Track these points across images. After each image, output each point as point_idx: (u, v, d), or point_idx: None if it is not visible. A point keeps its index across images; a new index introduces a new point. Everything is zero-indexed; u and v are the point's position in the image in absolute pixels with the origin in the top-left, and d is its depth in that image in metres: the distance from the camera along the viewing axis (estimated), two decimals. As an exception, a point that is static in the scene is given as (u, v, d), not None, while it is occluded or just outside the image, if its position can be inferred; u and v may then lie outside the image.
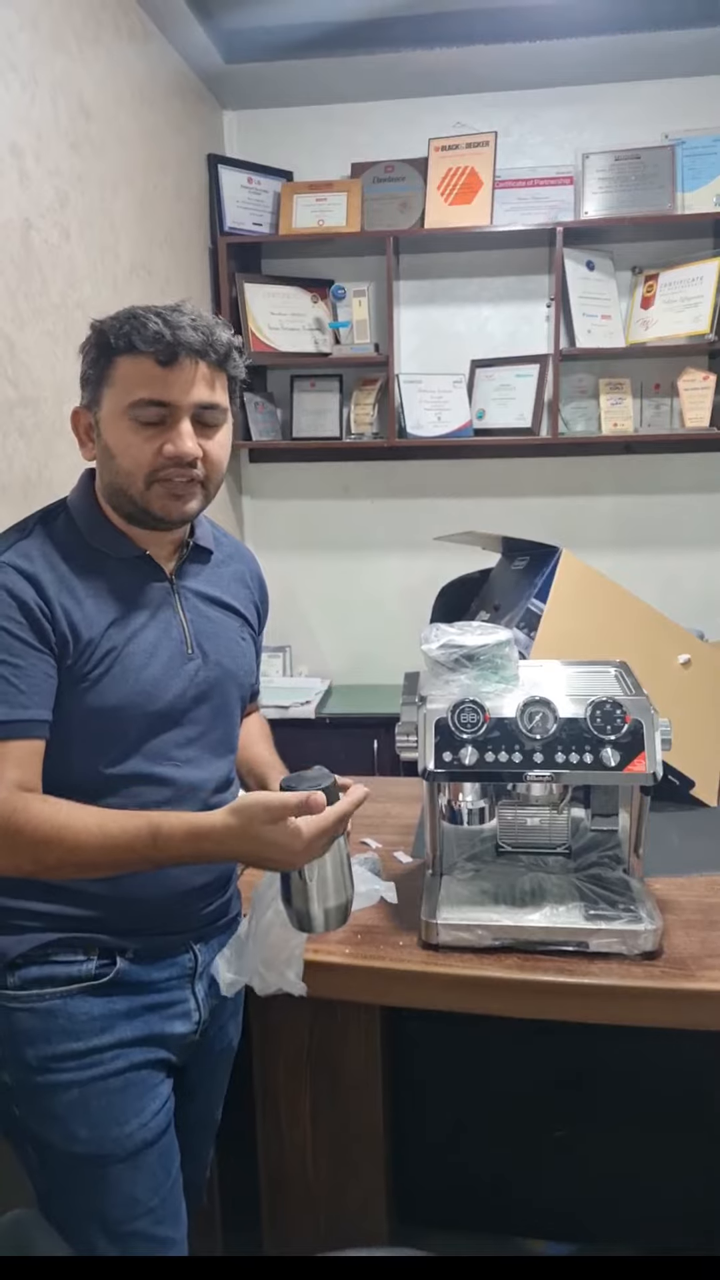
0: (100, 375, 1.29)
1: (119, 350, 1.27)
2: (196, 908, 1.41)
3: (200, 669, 1.38)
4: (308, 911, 1.31)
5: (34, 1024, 1.30)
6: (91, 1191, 1.32)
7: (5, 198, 1.98)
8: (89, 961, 1.32)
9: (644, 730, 1.46)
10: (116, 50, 2.53)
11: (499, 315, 3.53)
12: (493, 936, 1.53)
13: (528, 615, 2.01)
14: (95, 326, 1.30)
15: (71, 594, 1.28)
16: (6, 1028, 1.31)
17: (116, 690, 1.29)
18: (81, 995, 1.31)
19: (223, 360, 1.31)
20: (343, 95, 3.38)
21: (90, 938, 1.32)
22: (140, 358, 1.25)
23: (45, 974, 1.30)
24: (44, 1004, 1.30)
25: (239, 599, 1.50)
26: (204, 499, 1.35)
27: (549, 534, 2.21)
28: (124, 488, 1.30)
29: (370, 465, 3.66)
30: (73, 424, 1.36)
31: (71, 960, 1.31)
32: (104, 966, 1.32)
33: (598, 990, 1.46)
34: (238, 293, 3.35)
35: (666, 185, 3.22)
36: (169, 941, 1.38)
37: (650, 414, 3.42)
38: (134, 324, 1.25)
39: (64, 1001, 1.30)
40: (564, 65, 3.17)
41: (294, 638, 3.81)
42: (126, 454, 1.28)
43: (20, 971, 1.30)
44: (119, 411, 1.28)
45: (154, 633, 1.34)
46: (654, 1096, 1.78)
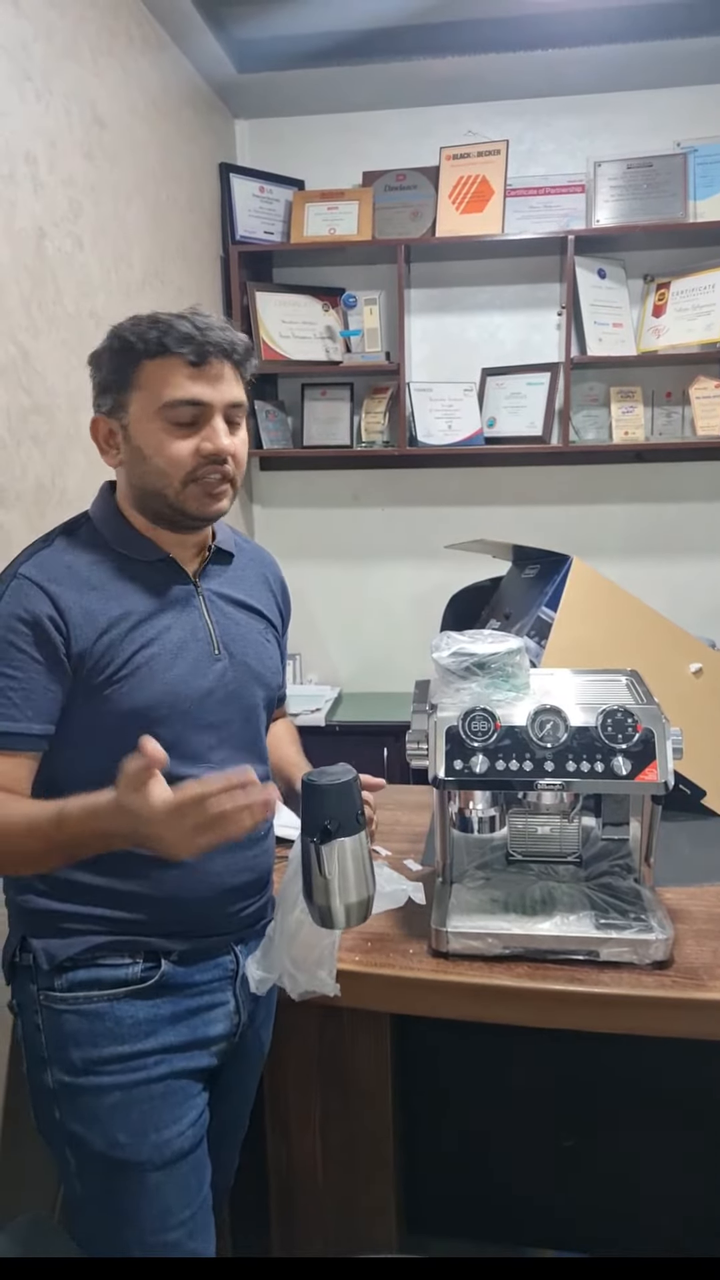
0: (125, 380, 1.31)
1: (146, 353, 1.29)
2: (237, 908, 1.43)
3: (228, 669, 1.40)
4: (328, 907, 1.30)
5: (81, 1026, 1.32)
6: (127, 1199, 1.33)
7: (19, 207, 1.99)
8: (135, 965, 1.34)
9: (655, 739, 1.46)
10: (130, 60, 2.54)
11: (510, 323, 3.53)
12: (503, 945, 1.53)
13: (538, 623, 2.01)
14: (115, 332, 1.32)
15: (95, 598, 1.30)
16: (54, 1029, 1.33)
17: (145, 691, 1.30)
18: (128, 999, 1.33)
19: (244, 360, 1.35)
20: (354, 104, 3.39)
21: (137, 940, 1.34)
22: (170, 359, 1.28)
23: (93, 977, 1.33)
24: (91, 1006, 1.32)
25: (262, 601, 1.52)
26: (233, 496, 1.38)
27: (560, 542, 2.21)
28: (159, 489, 1.32)
29: (381, 473, 3.66)
30: (92, 432, 1.37)
31: (119, 963, 1.33)
32: (149, 970, 1.34)
33: (608, 999, 1.46)
34: (249, 301, 3.36)
35: (678, 193, 3.22)
36: (211, 943, 1.40)
37: (661, 422, 3.42)
38: (161, 327, 1.28)
39: (110, 1005, 1.32)
40: (576, 74, 3.17)
41: (304, 645, 3.81)
42: (161, 454, 1.30)
43: (69, 974, 1.33)
44: (151, 414, 1.30)
45: (180, 633, 1.36)
46: (665, 1106, 1.78)
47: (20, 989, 1.37)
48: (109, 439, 1.35)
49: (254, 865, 1.44)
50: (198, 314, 1.31)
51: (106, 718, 1.29)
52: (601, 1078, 1.79)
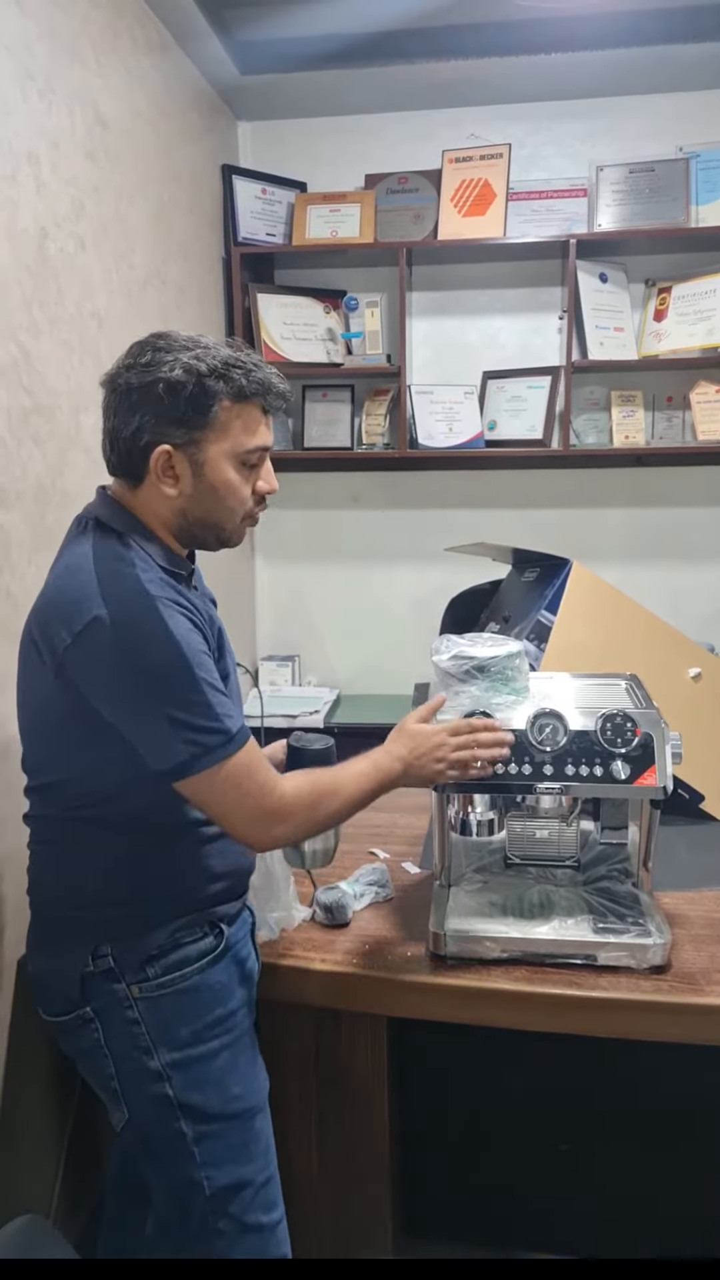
0: (205, 419, 1.35)
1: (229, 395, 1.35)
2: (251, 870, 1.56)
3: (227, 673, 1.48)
4: (299, 848, 1.55)
5: (182, 1003, 1.41)
6: (249, 1144, 1.45)
7: (22, 207, 1.99)
8: (208, 936, 1.44)
9: (654, 743, 1.46)
10: (133, 61, 2.54)
11: (511, 327, 3.53)
12: (501, 948, 1.53)
13: (538, 627, 2.01)
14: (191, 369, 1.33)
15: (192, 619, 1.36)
16: (155, 1014, 1.40)
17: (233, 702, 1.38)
18: (211, 967, 1.44)
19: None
20: (357, 107, 3.39)
21: (206, 914, 1.44)
22: (249, 405, 1.37)
23: (181, 956, 1.41)
24: (187, 983, 1.41)
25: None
26: None
27: (559, 546, 2.21)
28: (222, 523, 1.41)
29: (381, 476, 3.66)
30: (153, 461, 1.36)
31: (197, 938, 1.43)
32: (217, 938, 1.45)
33: (606, 1004, 1.46)
34: (251, 303, 3.36)
35: (680, 198, 3.22)
36: (240, 905, 1.53)
37: (662, 426, 3.42)
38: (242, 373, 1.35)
39: (201, 977, 1.43)
40: (578, 78, 3.17)
41: (303, 647, 3.81)
42: (234, 495, 1.39)
43: (159, 960, 1.40)
44: (231, 455, 1.38)
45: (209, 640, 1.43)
46: (661, 1110, 1.78)
47: (102, 994, 1.40)
48: (168, 469, 1.37)
49: None
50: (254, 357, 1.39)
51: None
52: (598, 1081, 1.78)
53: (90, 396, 1.37)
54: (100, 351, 2.24)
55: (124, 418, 1.36)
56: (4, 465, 1.93)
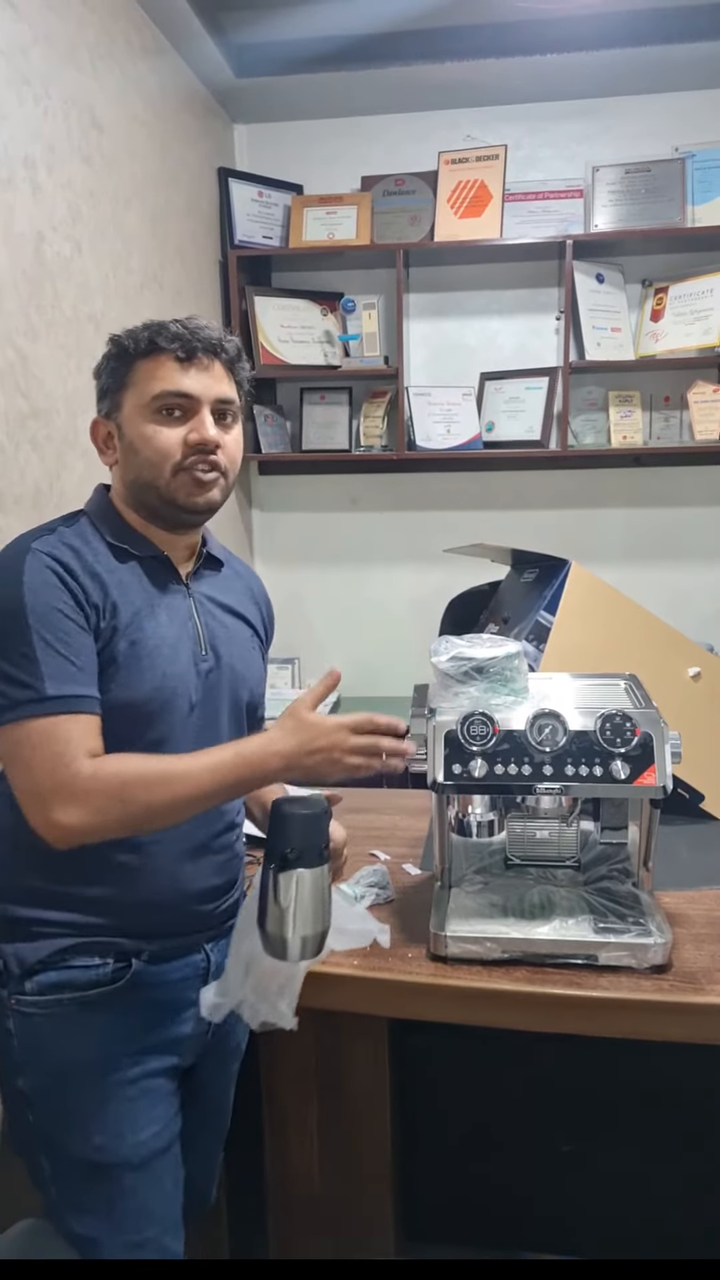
0: (120, 381, 1.36)
1: (139, 354, 1.34)
2: (208, 908, 1.44)
3: (213, 670, 1.42)
4: (280, 937, 1.30)
5: (54, 1030, 1.32)
6: (106, 1200, 1.33)
7: (18, 211, 1.99)
8: (105, 965, 1.33)
9: (654, 743, 1.46)
10: (129, 64, 2.55)
11: (508, 328, 3.53)
12: (501, 949, 1.52)
13: (537, 628, 2.01)
14: (114, 339, 1.37)
15: (98, 582, 1.31)
16: (27, 1034, 1.32)
17: (139, 684, 1.31)
18: (100, 1000, 1.33)
19: (233, 361, 1.40)
20: (353, 109, 3.40)
21: (107, 942, 1.34)
22: (160, 357, 1.33)
23: (64, 979, 1.32)
24: (63, 1009, 1.32)
25: (249, 613, 1.55)
26: (224, 491, 1.40)
27: (558, 546, 2.21)
28: (151, 480, 1.35)
29: (379, 478, 3.66)
30: (92, 434, 1.41)
31: (89, 965, 1.33)
32: (120, 970, 1.34)
33: (607, 1004, 1.46)
34: (248, 305, 3.36)
35: (676, 198, 3.22)
36: (183, 942, 1.41)
37: (660, 427, 3.42)
38: (153, 328, 1.34)
39: (82, 1007, 1.32)
40: (574, 79, 3.18)
41: (302, 650, 3.81)
42: (151, 445, 1.33)
43: (39, 977, 1.32)
44: (141, 408, 1.34)
45: (173, 630, 1.37)
46: (663, 1111, 1.77)
47: None
48: (107, 440, 1.40)
49: (223, 869, 1.46)
50: (191, 318, 1.37)
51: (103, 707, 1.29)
52: (600, 1082, 1.78)
53: (87, 400, 1.37)
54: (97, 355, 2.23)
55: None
56: (1, 469, 1.93)
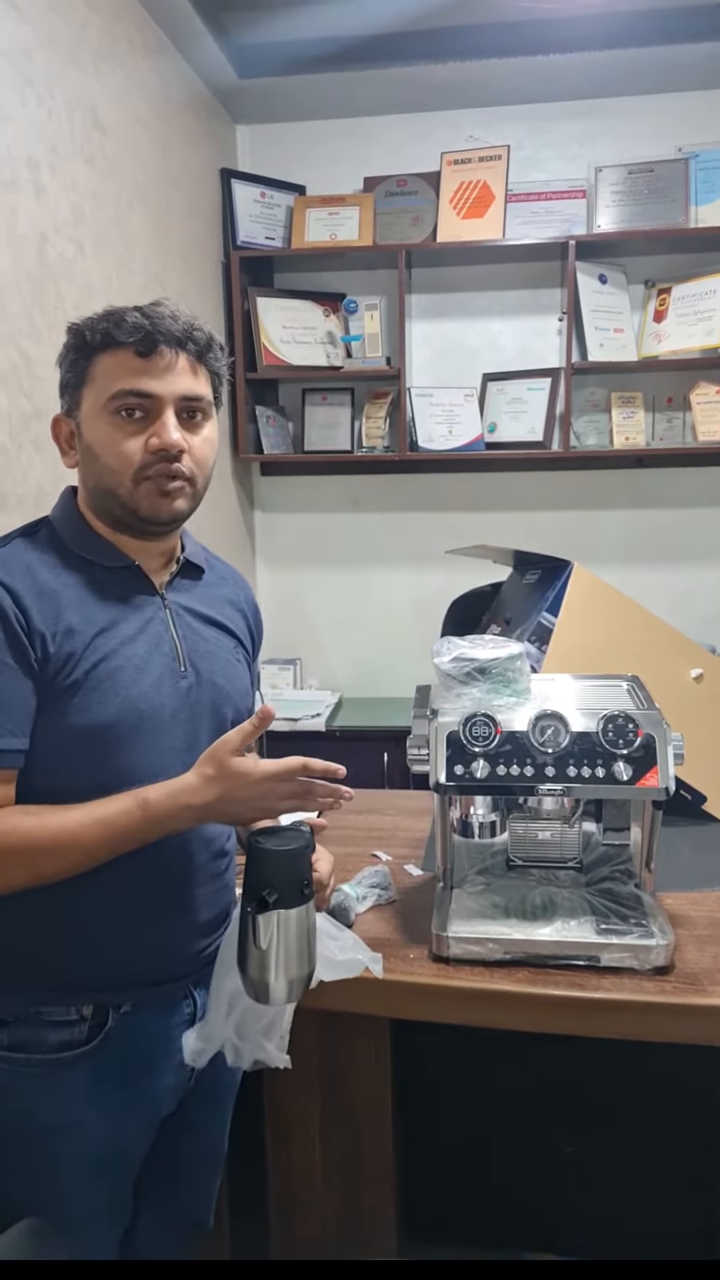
0: (80, 377, 1.25)
1: (97, 347, 1.23)
2: (196, 948, 1.34)
3: (193, 688, 1.31)
4: (262, 981, 1.23)
5: (20, 1088, 1.24)
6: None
7: (21, 212, 1.99)
8: (81, 1023, 1.25)
9: (656, 744, 1.46)
10: (131, 66, 2.55)
11: (511, 329, 3.53)
12: (503, 950, 1.52)
13: (539, 629, 2.01)
14: (72, 328, 1.26)
15: (54, 603, 1.21)
16: None
17: (106, 706, 1.21)
18: (71, 1062, 1.24)
19: (203, 352, 1.27)
20: (355, 109, 3.40)
21: (84, 996, 1.25)
22: (119, 351, 1.22)
23: (36, 1038, 1.24)
24: (30, 1070, 1.24)
25: (233, 622, 1.44)
26: (192, 499, 1.29)
27: (560, 548, 2.21)
28: (111, 488, 1.24)
29: (381, 478, 3.66)
30: (53, 432, 1.30)
31: (64, 1021, 1.24)
32: (96, 1027, 1.26)
33: (609, 1005, 1.46)
34: (250, 306, 3.37)
35: (679, 199, 3.22)
36: (168, 990, 1.32)
37: (662, 428, 3.42)
38: (111, 319, 1.22)
39: (53, 1070, 1.24)
40: (577, 79, 3.18)
41: (304, 650, 3.81)
42: (110, 450, 1.23)
43: (10, 1030, 1.24)
44: (99, 408, 1.23)
45: (144, 646, 1.27)
46: (665, 1112, 1.77)
47: None
48: (70, 440, 1.29)
49: (210, 902, 1.36)
50: (156, 304, 1.25)
51: (65, 734, 1.19)
52: (602, 1083, 1.78)
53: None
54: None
55: None
56: (5, 470, 1.93)
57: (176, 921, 1.31)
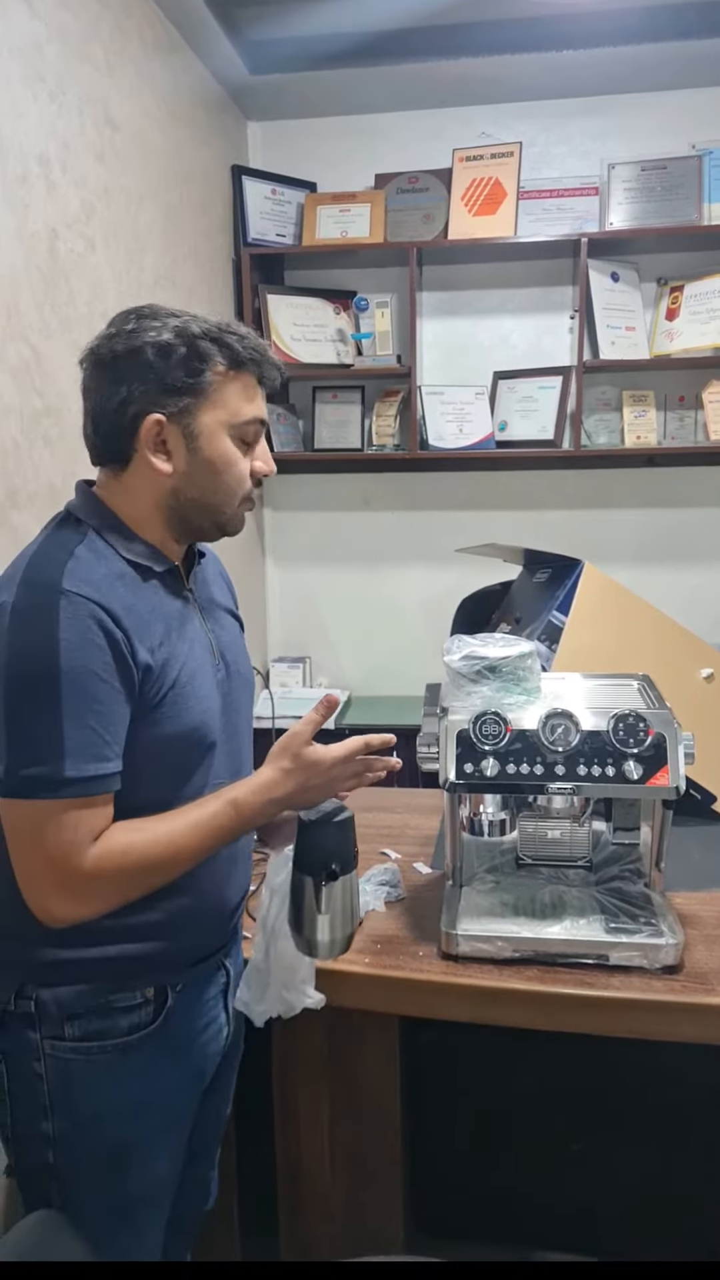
0: (201, 388, 1.22)
1: (226, 364, 1.23)
2: (233, 922, 1.42)
3: (225, 680, 1.35)
4: (323, 940, 1.35)
5: (89, 1074, 1.27)
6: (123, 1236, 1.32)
7: (33, 208, 1.99)
8: (146, 1006, 1.29)
9: (667, 744, 1.46)
10: (143, 62, 2.55)
11: (522, 327, 3.53)
12: (512, 948, 1.52)
13: (549, 628, 2.01)
14: (182, 331, 1.21)
15: (136, 617, 1.21)
16: (61, 1077, 1.27)
17: (190, 713, 1.25)
18: (140, 1043, 1.29)
19: None
20: (367, 106, 3.40)
21: (147, 974, 1.29)
22: (245, 375, 1.25)
23: (106, 1026, 1.27)
24: (104, 1056, 1.27)
25: (229, 601, 1.49)
26: None
27: (571, 547, 2.21)
28: (219, 505, 1.28)
29: (391, 477, 3.66)
30: (145, 432, 1.22)
31: (130, 1005, 1.28)
32: (158, 1007, 1.30)
33: (618, 1003, 1.46)
34: (261, 304, 3.36)
35: (693, 196, 3.21)
36: (210, 965, 1.38)
37: (674, 426, 3.41)
38: (249, 346, 1.25)
39: (123, 1054, 1.28)
40: (589, 75, 3.17)
41: (314, 649, 3.81)
42: (232, 471, 1.27)
43: (80, 1022, 1.26)
44: (224, 426, 1.25)
45: (199, 647, 1.31)
46: (673, 1110, 1.77)
47: (15, 1036, 1.27)
48: (160, 443, 1.24)
49: (246, 874, 1.44)
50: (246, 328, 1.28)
51: (156, 741, 1.22)
52: (610, 1081, 1.78)
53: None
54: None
55: (108, 390, 1.22)
56: (16, 466, 1.93)
57: (230, 895, 1.37)
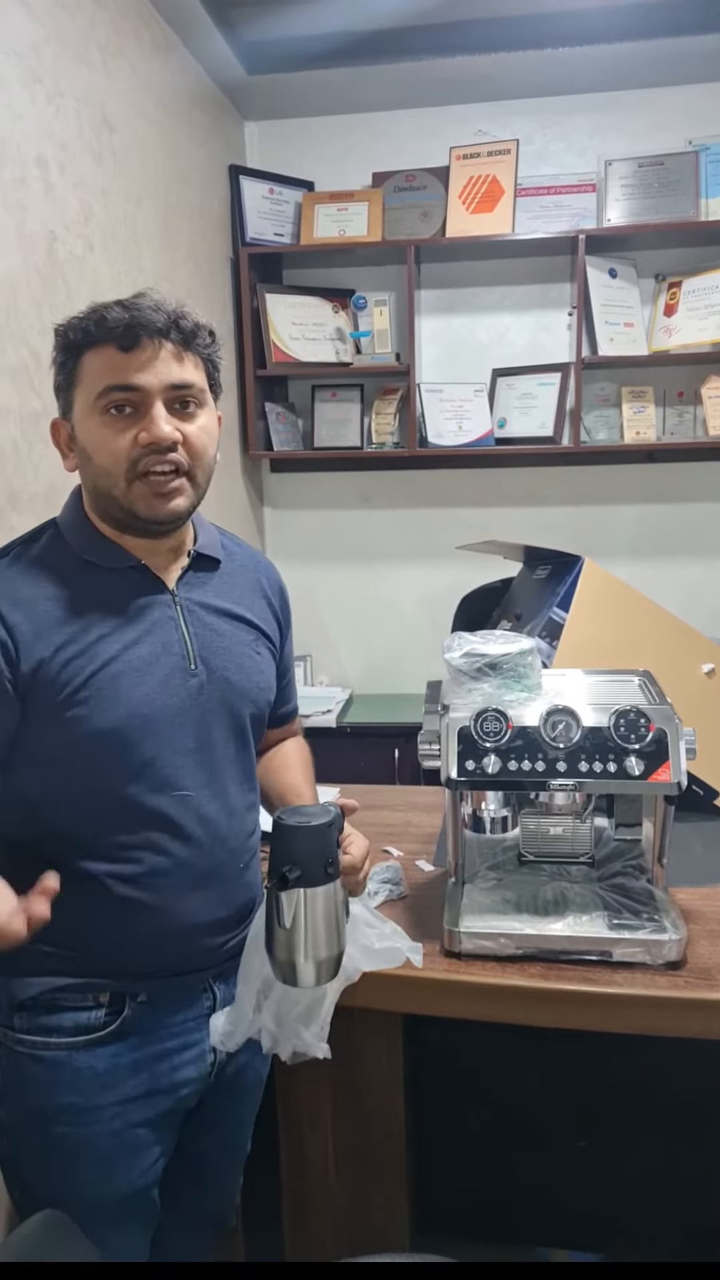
0: (69, 378, 1.23)
1: (82, 346, 1.21)
2: (215, 944, 1.34)
3: (205, 685, 1.30)
4: (288, 962, 1.21)
5: (37, 1072, 1.26)
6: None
7: (31, 210, 1.99)
8: (98, 1009, 1.27)
9: (668, 739, 1.46)
10: (139, 62, 2.55)
11: (520, 324, 3.53)
12: (515, 945, 1.52)
13: (550, 624, 2.01)
14: (57, 329, 1.24)
15: (52, 611, 1.21)
16: (10, 1069, 1.28)
17: (109, 712, 1.21)
18: (88, 1048, 1.26)
19: (189, 339, 1.23)
20: (364, 105, 3.39)
21: (101, 983, 1.27)
22: (103, 348, 1.19)
23: (54, 1022, 1.26)
24: (50, 1054, 1.26)
25: (254, 610, 1.41)
26: (193, 494, 1.27)
27: (571, 543, 2.21)
28: (107, 489, 1.23)
29: (391, 475, 3.66)
30: (53, 437, 1.28)
31: (81, 1006, 1.26)
32: (112, 1014, 1.27)
33: (621, 1000, 1.46)
34: (259, 303, 3.37)
35: (690, 192, 3.21)
36: (186, 982, 1.32)
37: (673, 422, 3.41)
38: (93, 316, 1.20)
39: (70, 1054, 1.26)
40: (586, 72, 3.17)
41: (315, 647, 3.81)
42: (102, 450, 1.21)
43: (28, 1015, 1.26)
44: (89, 407, 1.21)
45: (149, 647, 1.26)
46: (677, 1106, 1.77)
47: None
48: (68, 442, 1.27)
49: (231, 899, 1.35)
50: (140, 295, 1.22)
51: (74, 738, 1.20)
52: (614, 1078, 1.78)
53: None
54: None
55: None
56: (16, 468, 1.93)
57: (196, 916, 1.30)
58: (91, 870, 1.24)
